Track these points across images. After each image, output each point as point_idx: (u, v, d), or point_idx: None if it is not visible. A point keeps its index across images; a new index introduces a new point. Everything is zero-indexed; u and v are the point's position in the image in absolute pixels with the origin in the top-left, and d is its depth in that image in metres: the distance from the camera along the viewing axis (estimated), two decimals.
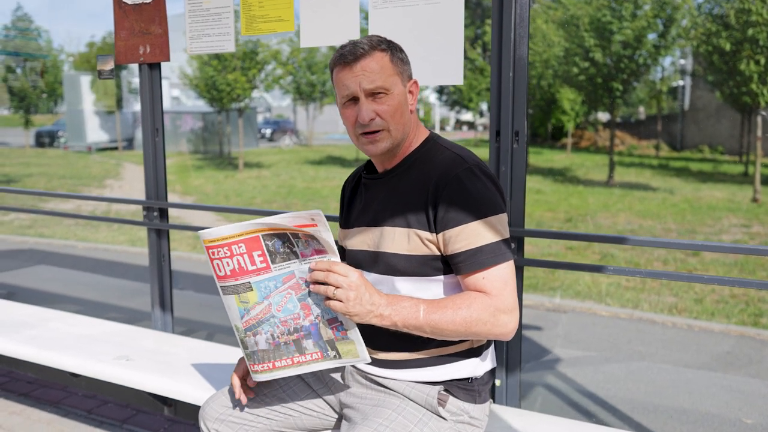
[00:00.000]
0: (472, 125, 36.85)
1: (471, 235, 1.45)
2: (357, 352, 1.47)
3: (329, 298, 1.40)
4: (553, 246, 7.68)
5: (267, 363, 1.50)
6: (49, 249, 7.63)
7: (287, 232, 1.40)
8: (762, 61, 12.84)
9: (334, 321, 1.45)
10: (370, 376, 1.61)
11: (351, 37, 1.68)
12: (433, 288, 1.54)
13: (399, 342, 1.54)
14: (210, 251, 1.43)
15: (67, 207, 10.43)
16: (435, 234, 1.49)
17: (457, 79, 2.08)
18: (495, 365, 1.69)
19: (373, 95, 1.51)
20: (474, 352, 1.59)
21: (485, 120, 33.54)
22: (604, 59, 15.41)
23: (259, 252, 1.41)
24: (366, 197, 1.66)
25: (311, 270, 1.41)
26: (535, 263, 2.28)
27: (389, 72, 1.52)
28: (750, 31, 12.73)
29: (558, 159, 20.91)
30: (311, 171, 17.90)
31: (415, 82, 1.60)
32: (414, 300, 1.45)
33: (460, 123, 40.77)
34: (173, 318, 2.92)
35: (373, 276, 1.57)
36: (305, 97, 25.08)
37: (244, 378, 1.68)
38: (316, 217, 1.36)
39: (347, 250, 1.68)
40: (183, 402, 2.15)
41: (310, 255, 1.42)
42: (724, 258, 7.17)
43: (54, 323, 2.83)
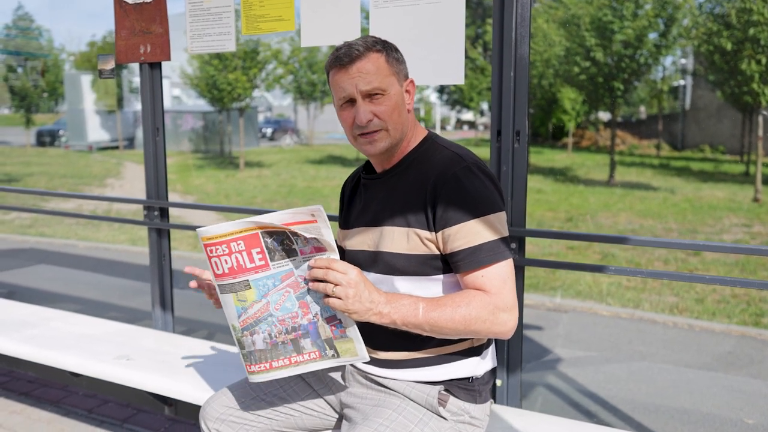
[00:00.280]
0: (472, 125, 36.86)
1: (470, 234, 1.45)
2: (356, 350, 1.46)
3: (328, 295, 1.39)
4: (554, 246, 7.67)
5: (264, 363, 1.49)
6: (50, 248, 7.63)
7: (286, 230, 1.39)
8: (763, 61, 12.83)
9: (332, 319, 1.44)
10: (370, 376, 1.61)
11: (352, 37, 1.68)
12: (433, 287, 1.53)
13: (399, 341, 1.54)
14: (208, 249, 1.41)
15: (68, 206, 10.42)
16: (434, 233, 1.49)
17: (458, 79, 2.08)
18: (495, 365, 1.69)
19: (370, 96, 1.51)
20: (474, 351, 1.58)
21: (486, 119, 33.53)
22: (605, 59, 15.40)
23: (258, 249, 1.40)
24: (365, 197, 1.66)
25: (310, 267, 1.40)
26: (537, 263, 2.27)
27: (385, 72, 1.51)
28: (751, 31, 12.72)
29: (559, 158, 20.91)
30: (312, 170, 17.90)
31: (412, 81, 1.60)
32: (413, 298, 1.44)
33: (460, 122, 40.77)
34: (174, 317, 2.92)
35: (373, 276, 1.57)
36: (306, 97, 25.10)
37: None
38: (316, 213, 1.36)
39: (347, 250, 1.68)
40: (183, 401, 2.14)
41: (309, 252, 1.41)
42: (725, 258, 7.17)
43: (55, 322, 2.83)
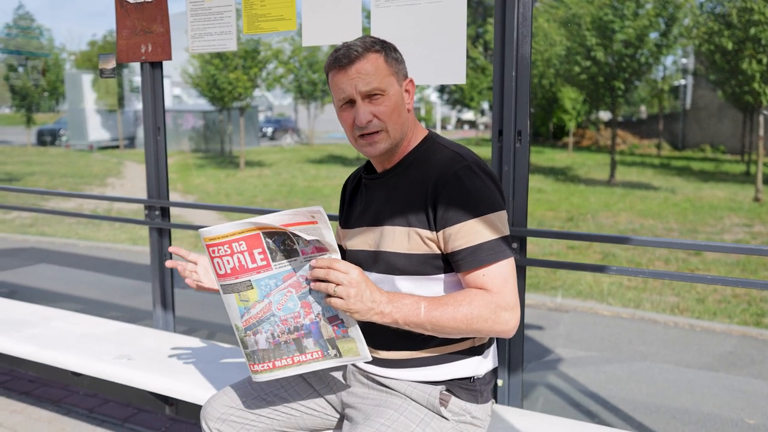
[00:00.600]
0: (473, 124, 36.86)
1: (470, 233, 1.45)
2: (358, 350, 1.46)
3: (330, 295, 1.39)
4: (555, 245, 7.67)
5: (267, 363, 1.50)
6: (51, 248, 7.63)
7: (287, 230, 1.39)
8: (764, 60, 12.81)
9: (334, 319, 1.45)
10: (371, 375, 1.61)
11: (353, 36, 1.67)
12: (434, 286, 1.53)
13: (400, 340, 1.54)
14: (210, 249, 1.42)
15: (69, 206, 10.43)
16: (435, 232, 1.49)
17: (460, 78, 2.07)
18: (497, 364, 1.69)
19: (370, 97, 1.51)
20: (476, 350, 1.58)
21: (486, 119, 33.53)
22: (605, 58, 15.39)
23: (260, 250, 1.40)
24: (366, 197, 1.66)
25: (312, 267, 1.40)
26: (538, 263, 2.27)
27: (384, 73, 1.51)
28: (752, 30, 12.70)
29: (559, 158, 20.90)
30: (312, 170, 17.90)
31: (411, 80, 1.59)
32: (415, 297, 1.44)
33: (461, 122, 40.78)
34: (174, 317, 2.92)
35: (374, 275, 1.57)
36: (306, 96, 25.11)
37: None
38: (316, 215, 1.36)
39: (348, 250, 1.68)
40: (184, 401, 2.14)
41: (310, 253, 1.41)
42: (726, 258, 7.16)
43: (55, 322, 2.83)
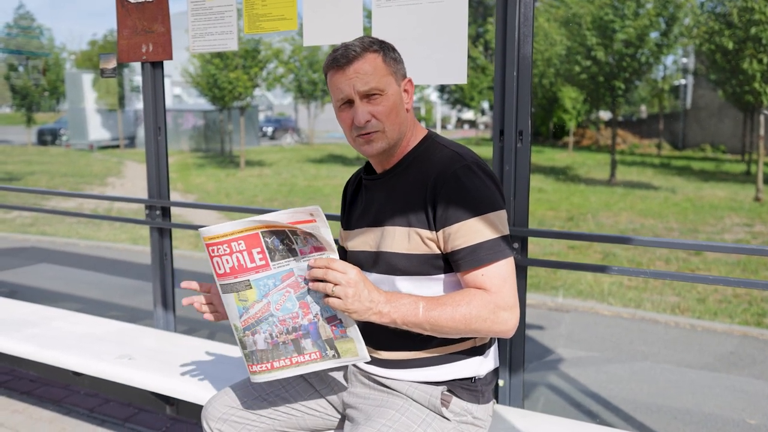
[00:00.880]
0: (473, 124, 36.86)
1: (470, 232, 1.45)
2: (356, 350, 1.46)
3: (328, 295, 1.39)
4: (555, 245, 7.66)
5: (265, 363, 1.50)
6: (51, 247, 7.63)
7: (286, 229, 1.39)
8: (765, 60, 12.81)
9: (333, 319, 1.45)
10: (372, 376, 1.61)
11: (354, 36, 1.67)
12: (434, 287, 1.53)
13: (401, 340, 1.54)
14: (210, 248, 1.42)
15: (69, 205, 10.43)
16: (435, 232, 1.49)
17: (461, 78, 2.07)
18: (498, 365, 1.68)
19: (368, 97, 1.51)
20: (477, 350, 1.58)
21: (486, 118, 33.54)
22: (606, 58, 15.39)
23: (259, 249, 1.41)
24: (366, 198, 1.66)
25: (310, 267, 1.40)
26: (539, 263, 2.27)
27: (383, 73, 1.51)
28: (753, 30, 12.70)
29: (560, 158, 20.91)
30: (312, 169, 17.91)
31: (410, 80, 1.59)
32: (413, 297, 1.44)
33: (461, 121, 40.79)
34: (175, 317, 2.92)
35: (375, 276, 1.57)
36: (306, 96, 25.11)
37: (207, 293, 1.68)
38: (314, 213, 1.36)
39: (349, 251, 1.68)
40: (184, 401, 2.14)
41: (309, 252, 1.41)
42: (726, 257, 7.16)
43: (56, 322, 2.83)
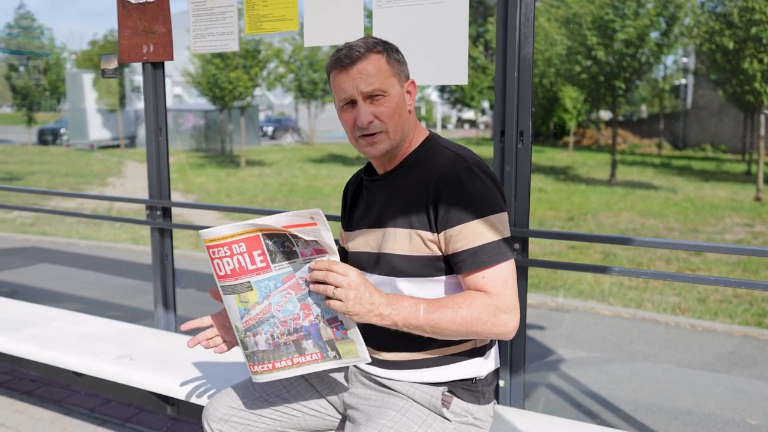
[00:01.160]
0: (473, 123, 36.85)
1: (471, 234, 1.45)
2: (357, 352, 1.46)
3: (329, 297, 1.39)
4: (556, 245, 7.66)
5: (267, 364, 1.50)
6: (52, 247, 7.63)
7: (287, 233, 1.39)
8: (765, 60, 12.81)
9: (334, 321, 1.45)
10: (373, 377, 1.61)
11: (355, 36, 1.67)
12: (435, 288, 1.53)
13: (402, 342, 1.54)
14: (210, 251, 1.43)
15: (70, 205, 10.43)
16: (436, 234, 1.49)
17: (462, 79, 2.07)
18: (498, 365, 1.68)
19: (371, 98, 1.50)
20: (478, 351, 1.58)
21: (487, 118, 33.53)
22: (606, 57, 15.39)
23: (259, 251, 1.41)
24: (367, 199, 1.66)
25: (311, 269, 1.40)
26: (540, 264, 2.27)
27: (386, 74, 1.51)
28: (753, 30, 12.69)
29: (560, 157, 20.90)
30: (313, 169, 17.91)
31: (413, 82, 1.59)
32: (414, 299, 1.44)
33: (461, 121, 40.78)
34: (176, 317, 2.92)
35: (376, 277, 1.57)
36: (307, 95, 25.11)
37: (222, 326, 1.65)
38: (315, 216, 1.36)
39: (350, 252, 1.68)
40: (185, 401, 2.14)
41: (309, 254, 1.41)
42: (727, 257, 7.15)
43: (56, 322, 2.83)
